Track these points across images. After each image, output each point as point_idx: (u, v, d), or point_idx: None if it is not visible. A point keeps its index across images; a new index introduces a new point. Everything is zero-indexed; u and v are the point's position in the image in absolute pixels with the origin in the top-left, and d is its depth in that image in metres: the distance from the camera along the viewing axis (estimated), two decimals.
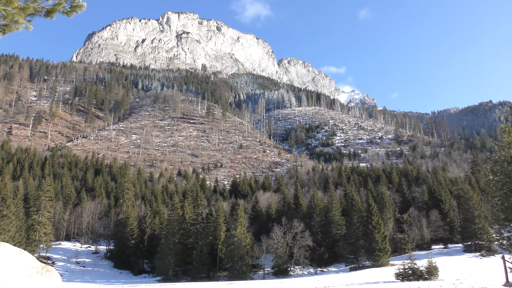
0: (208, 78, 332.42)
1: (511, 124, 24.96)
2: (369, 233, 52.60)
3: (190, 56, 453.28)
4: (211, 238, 55.62)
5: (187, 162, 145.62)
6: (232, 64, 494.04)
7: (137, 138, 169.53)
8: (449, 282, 27.36)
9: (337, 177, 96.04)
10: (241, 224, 54.39)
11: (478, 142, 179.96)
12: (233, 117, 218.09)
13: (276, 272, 52.85)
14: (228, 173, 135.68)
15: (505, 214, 22.06)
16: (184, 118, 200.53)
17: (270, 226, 60.15)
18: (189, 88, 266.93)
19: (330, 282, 36.33)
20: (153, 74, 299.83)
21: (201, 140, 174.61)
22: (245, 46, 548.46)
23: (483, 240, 57.53)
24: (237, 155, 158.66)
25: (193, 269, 51.80)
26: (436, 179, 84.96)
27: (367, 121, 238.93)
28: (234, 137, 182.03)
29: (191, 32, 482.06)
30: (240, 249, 51.07)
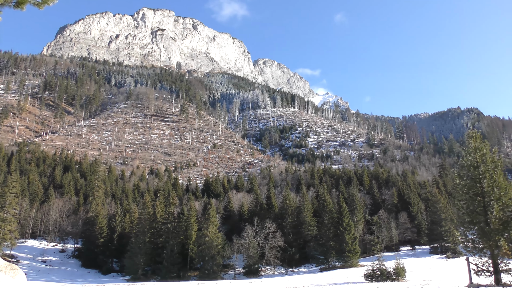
0: (183, 76, 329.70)
1: (478, 130, 25.76)
2: (339, 234, 53.26)
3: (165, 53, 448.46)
4: (182, 238, 55.13)
5: (159, 160, 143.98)
6: (207, 63, 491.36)
7: (108, 135, 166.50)
8: (415, 283, 27.99)
9: (310, 178, 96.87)
10: (213, 224, 54.13)
11: (446, 147, 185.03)
12: (207, 116, 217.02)
13: (247, 272, 52.84)
14: (201, 173, 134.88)
15: (470, 217, 22.73)
16: (158, 116, 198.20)
17: (242, 226, 60.13)
18: (163, 85, 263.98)
19: (300, 282, 36.59)
20: (126, 71, 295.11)
21: (174, 138, 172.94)
22: (221, 45, 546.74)
23: (449, 242, 59.18)
24: (211, 154, 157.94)
25: (163, 268, 51.22)
26: (405, 182, 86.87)
27: (340, 123, 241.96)
28: (208, 137, 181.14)
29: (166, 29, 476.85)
30: (211, 249, 50.81)
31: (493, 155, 23.36)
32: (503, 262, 21.55)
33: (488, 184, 22.42)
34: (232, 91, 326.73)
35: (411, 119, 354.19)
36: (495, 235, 21.40)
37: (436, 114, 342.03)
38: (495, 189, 22.21)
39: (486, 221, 21.93)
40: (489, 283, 21.52)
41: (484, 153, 23.13)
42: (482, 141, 23.67)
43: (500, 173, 22.71)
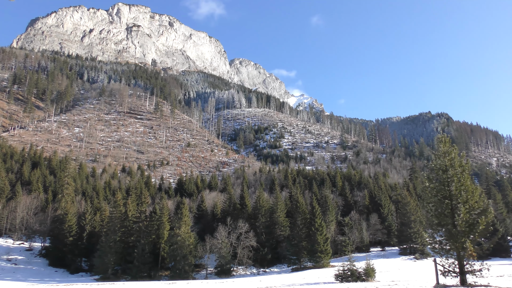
0: (158, 73, 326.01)
1: (447, 135, 26.42)
2: (311, 235, 53.72)
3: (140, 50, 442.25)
4: (154, 237, 54.47)
5: (132, 158, 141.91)
6: (183, 61, 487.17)
7: (80, 131, 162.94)
8: (384, 284, 28.50)
9: (283, 179, 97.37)
10: (185, 223, 53.72)
11: (417, 150, 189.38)
12: (182, 115, 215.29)
13: (219, 272, 52.69)
14: (175, 171, 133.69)
15: (438, 219, 23.30)
16: (131, 113, 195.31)
17: (215, 225, 59.90)
18: (138, 82, 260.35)
19: (272, 282, 36.72)
20: (100, 66, 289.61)
21: (147, 136, 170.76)
22: (197, 43, 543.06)
23: (417, 243, 60.57)
24: (185, 153, 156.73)
25: (134, 268, 50.50)
26: (377, 184, 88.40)
27: (315, 125, 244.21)
28: (182, 135, 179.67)
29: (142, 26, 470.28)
30: (183, 249, 50.41)
31: (461, 159, 24.01)
32: (468, 263, 22.17)
33: (456, 188, 23.02)
34: (207, 90, 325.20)
35: (384, 123, 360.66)
36: (462, 237, 22.00)
37: (408, 118, 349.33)
38: (463, 192, 22.82)
39: (453, 223, 22.53)
40: (455, 284, 22.10)
41: (452, 157, 23.73)
42: (451, 146, 24.29)
43: (468, 177, 23.35)
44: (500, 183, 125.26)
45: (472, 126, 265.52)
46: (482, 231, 22.21)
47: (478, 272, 21.76)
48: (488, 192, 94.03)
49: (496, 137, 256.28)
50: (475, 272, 21.87)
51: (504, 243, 67.49)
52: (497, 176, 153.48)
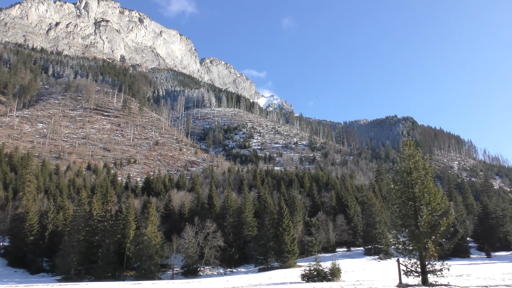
0: (127, 70, 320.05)
1: (412, 138, 27.14)
2: (279, 235, 54.06)
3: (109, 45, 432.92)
4: (119, 236, 53.48)
5: (98, 156, 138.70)
6: (152, 58, 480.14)
7: (43, 127, 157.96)
8: (349, 283, 28.98)
9: (252, 179, 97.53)
10: (152, 223, 53.06)
11: (383, 153, 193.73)
12: (151, 113, 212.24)
13: (185, 272, 52.28)
14: (142, 170, 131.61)
15: (402, 220, 23.89)
16: (98, 110, 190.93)
17: (182, 225, 59.39)
18: (105, 79, 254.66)
19: (239, 282, 36.71)
20: (66, 61, 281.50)
21: (115, 134, 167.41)
22: (167, 41, 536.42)
23: (381, 244, 61.96)
24: (152, 151, 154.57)
25: (98, 268, 49.41)
26: (344, 186, 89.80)
27: (284, 126, 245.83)
28: (150, 133, 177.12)
29: (111, 21, 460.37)
30: (149, 248, 49.75)
31: (425, 162, 24.68)
32: (430, 263, 22.81)
33: (419, 190, 23.65)
34: (177, 88, 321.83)
35: (352, 125, 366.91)
36: (424, 238, 22.63)
37: (375, 121, 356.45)
38: (426, 195, 23.47)
39: (416, 225, 23.14)
40: (417, 283, 22.71)
41: (417, 160, 24.37)
42: (416, 149, 24.93)
43: (431, 179, 24.04)
44: (460, 186, 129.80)
45: (435, 130, 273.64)
46: (443, 232, 22.91)
47: (439, 271, 22.43)
48: (450, 195, 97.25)
49: (458, 141, 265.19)
50: (436, 272, 22.53)
51: (464, 244, 69.96)
52: (458, 179, 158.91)
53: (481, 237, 78.21)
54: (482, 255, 71.13)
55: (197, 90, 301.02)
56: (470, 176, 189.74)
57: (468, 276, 35.48)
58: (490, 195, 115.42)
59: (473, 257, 68.75)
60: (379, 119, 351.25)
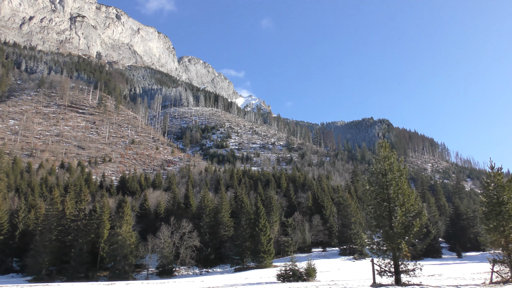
0: (103, 67, 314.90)
1: (387, 140, 27.54)
2: (255, 235, 54.09)
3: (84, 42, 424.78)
4: (93, 236, 52.58)
5: (72, 154, 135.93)
6: (130, 56, 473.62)
7: (15, 123, 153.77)
8: (324, 283, 29.21)
9: (229, 179, 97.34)
10: (127, 222, 52.37)
11: (359, 154, 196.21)
12: (127, 111, 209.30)
13: (160, 273, 51.79)
14: (117, 169, 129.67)
15: (376, 221, 24.20)
16: (72, 107, 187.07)
17: (158, 225, 58.84)
18: (81, 75, 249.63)
19: (214, 282, 36.55)
20: (40, 56, 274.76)
21: (89, 131, 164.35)
22: (145, 38, 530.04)
23: (356, 244, 62.75)
24: (128, 150, 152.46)
25: (71, 268, 48.46)
26: (320, 186, 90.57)
27: (262, 126, 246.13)
28: (126, 132, 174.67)
29: (87, 17, 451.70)
30: (124, 248, 49.09)
31: (400, 164, 25.07)
32: (403, 263, 23.18)
33: (394, 191, 24.01)
34: (154, 86, 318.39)
35: (329, 126, 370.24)
36: (398, 238, 22.98)
37: (352, 123, 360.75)
38: (400, 196, 23.84)
39: (390, 225, 23.48)
40: (390, 283, 23.04)
41: (391, 161, 24.73)
42: (391, 151, 25.29)
43: (405, 181, 24.43)
44: (433, 188, 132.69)
45: (410, 132, 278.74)
46: (416, 233, 23.31)
47: (412, 271, 22.81)
48: (423, 196, 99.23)
49: (431, 144, 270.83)
50: (409, 271, 22.90)
51: (436, 244, 71.55)
52: (431, 181, 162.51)
53: (452, 237, 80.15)
54: (453, 255, 72.90)
55: (174, 88, 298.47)
56: (443, 178, 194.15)
57: (440, 276, 36.28)
58: (462, 197, 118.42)
59: (445, 257, 70.41)
60: (355, 121, 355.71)
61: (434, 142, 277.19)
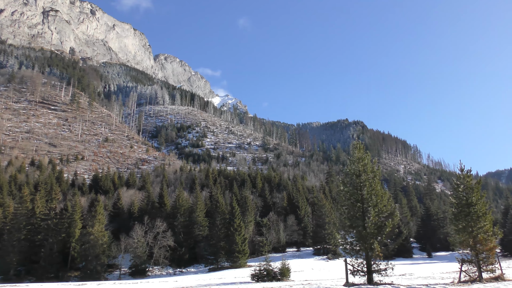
0: (76, 63, 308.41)
1: (362, 142, 27.93)
2: (230, 235, 54.02)
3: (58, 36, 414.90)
4: (64, 235, 51.48)
5: (43, 151, 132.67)
6: (104, 52, 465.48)
7: None
8: (298, 283, 29.40)
9: (204, 178, 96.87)
10: (99, 222, 51.50)
11: (334, 155, 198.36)
12: (101, 108, 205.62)
13: (133, 273, 51.13)
14: (90, 167, 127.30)
15: (350, 221, 24.50)
16: (44, 103, 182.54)
17: (132, 224, 58.06)
18: (53, 71, 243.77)
19: (188, 282, 36.31)
20: (10, 50, 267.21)
21: (62, 129, 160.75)
22: (120, 35, 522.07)
23: (330, 244, 63.39)
24: (102, 148, 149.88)
25: (40, 268, 47.33)
26: (295, 187, 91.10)
27: (238, 126, 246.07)
28: (100, 129, 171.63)
29: (60, 11, 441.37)
30: (96, 248, 48.26)
31: (373, 165, 25.45)
32: (375, 263, 23.55)
33: (367, 192, 24.35)
34: (129, 84, 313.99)
35: (304, 127, 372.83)
36: (371, 239, 23.33)
37: (327, 124, 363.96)
38: (373, 197, 24.20)
39: (363, 226, 23.81)
40: (363, 282, 23.37)
41: (365, 163, 25.08)
42: (365, 152, 25.64)
43: (378, 182, 24.82)
44: (406, 189, 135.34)
45: (384, 134, 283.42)
46: (388, 233, 23.72)
47: (384, 271, 23.18)
48: (395, 197, 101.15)
49: (404, 146, 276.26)
50: (381, 271, 23.27)
51: (407, 244, 73.00)
52: (403, 182, 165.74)
53: (423, 238, 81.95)
54: (424, 255, 74.58)
55: (150, 86, 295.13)
56: (415, 179, 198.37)
57: (411, 275, 37.04)
58: (433, 198, 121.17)
59: (416, 257, 71.94)
60: (331, 122, 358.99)
61: (407, 144, 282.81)
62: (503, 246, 71.34)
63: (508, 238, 70.55)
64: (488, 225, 24.65)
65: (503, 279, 24.33)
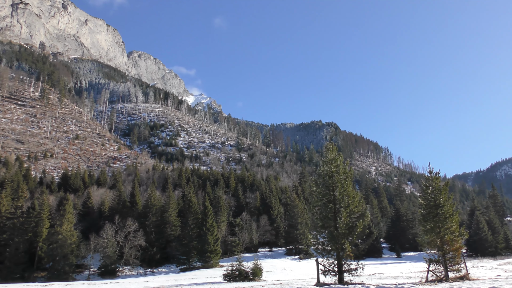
0: (46, 58, 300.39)
1: (335, 143, 28.26)
2: (202, 235, 53.74)
3: (27, 30, 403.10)
4: (30, 235, 50.05)
5: (9, 148, 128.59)
6: (76, 48, 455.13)
7: None
8: (270, 283, 29.50)
9: (177, 178, 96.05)
10: (68, 221, 50.33)
11: (307, 156, 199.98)
12: (72, 105, 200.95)
13: (103, 273, 50.19)
14: (59, 165, 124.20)
15: (322, 222, 24.74)
16: (12, 99, 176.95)
17: (102, 224, 57.01)
18: (22, 65, 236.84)
19: (159, 283, 35.91)
20: None
21: (30, 125, 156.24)
22: (93, 31, 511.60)
23: (302, 244, 63.91)
24: (72, 146, 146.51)
25: (5, 269, 45.85)
26: (268, 187, 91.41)
27: (212, 125, 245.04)
28: (70, 126, 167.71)
29: (30, 4, 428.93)
30: (64, 248, 47.13)
31: (346, 166, 25.77)
32: (346, 263, 23.84)
33: (339, 193, 24.64)
34: (102, 80, 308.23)
35: (279, 128, 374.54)
36: (342, 239, 23.62)
37: (301, 125, 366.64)
38: (345, 197, 24.51)
39: (335, 226, 24.09)
40: (333, 282, 23.63)
41: (338, 164, 25.37)
42: (338, 153, 25.93)
43: (350, 183, 25.15)
44: (377, 190, 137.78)
45: (356, 136, 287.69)
46: (359, 234, 24.06)
47: (354, 271, 23.50)
48: (367, 198, 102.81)
49: (376, 148, 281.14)
50: (351, 271, 23.58)
51: (377, 245, 74.37)
52: (375, 184, 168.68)
53: (393, 238, 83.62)
54: (393, 255, 76.10)
55: (123, 84, 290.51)
56: (386, 181, 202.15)
57: (380, 275, 37.74)
58: (402, 199, 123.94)
59: (385, 257, 73.34)
60: (304, 123, 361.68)
61: (379, 146, 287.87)
62: (468, 247, 73.59)
63: (473, 239, 72.88)
64: (454, 226, 25.33)
65: (468, 278, 25.05)
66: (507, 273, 31.75)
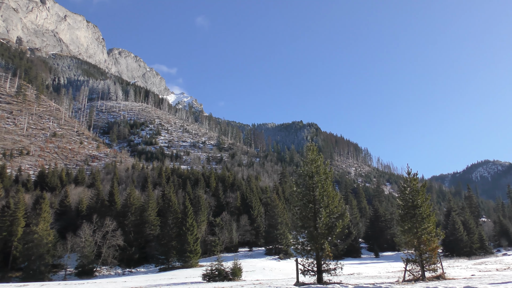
0: (24, 53, 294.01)
1: (315, 144, 28.42)
2: (182, 235, 53.39)
3: (3, 25, 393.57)
4: (5, 234, 48.92)
5: None
6: (54, 44, 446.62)
7: None
8: (249, 283, 29.50)
9: (157, 177, 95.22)
10: (44, 220, 49.38)
11: (288, 156, 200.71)
12: (49, 102, 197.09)
13: (80, 273, 49.38)
14: (36, 163, 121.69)
15: (302, 222, 24.86)
16: None
17: (79, 223, 56.10)
18: None
19: (137, 283, 35.52)
20: None
21: (6, 122, 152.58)
22: (72, 27, 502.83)
23: (282, 244, 64.13)
24: (49, 143, 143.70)
25: None
26: (249, 187, 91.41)
27: (193, 124, 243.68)
28: (48, 124, 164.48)
29: None
30: (40, 247, 46.20)
31: (326, 167, 25.95)
32: (325, 263, 24.02)
33: (319, 193, 24.80)
34: (81, 77, 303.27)
35: (260, 128, 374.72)
36: (321, 239, 23.78)
37: (282, 125, 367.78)
38: (325, 198, 24.68)
39: (315, 226, 24.23)
40: (312, 282, 23.77)
41: (318, 164, 25.53)
42: (318, 154, 26.09)
43: (330, 183, 25.34)
44: (356, 191, 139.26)
45: (337, 137, 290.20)
46: (338, 234, 24.27)
47: (333, 270, 23.68)
48: (346, 198, 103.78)
49: (356, 149, 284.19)
50: (330, 271, 23.75)
51: (356, 245, 75.15)
52: (354, 184, 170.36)
53: (371, 238, 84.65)
54: (371, 255, 77.03)
55: (103, 81, 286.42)
56: (365, 181, 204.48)
57: (359, 274, 38.15)
58: (381, 200, 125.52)
59: (364, 257, 74.18)
60: (285, 123, 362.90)
61: (358, 147, 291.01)
62: (444, 247, 75.04)
63: (449, 239, 74.39)
64: (431, 226, 25.78)
65: (444, 278, 25.55)
66: (481, 273, 32.50)
